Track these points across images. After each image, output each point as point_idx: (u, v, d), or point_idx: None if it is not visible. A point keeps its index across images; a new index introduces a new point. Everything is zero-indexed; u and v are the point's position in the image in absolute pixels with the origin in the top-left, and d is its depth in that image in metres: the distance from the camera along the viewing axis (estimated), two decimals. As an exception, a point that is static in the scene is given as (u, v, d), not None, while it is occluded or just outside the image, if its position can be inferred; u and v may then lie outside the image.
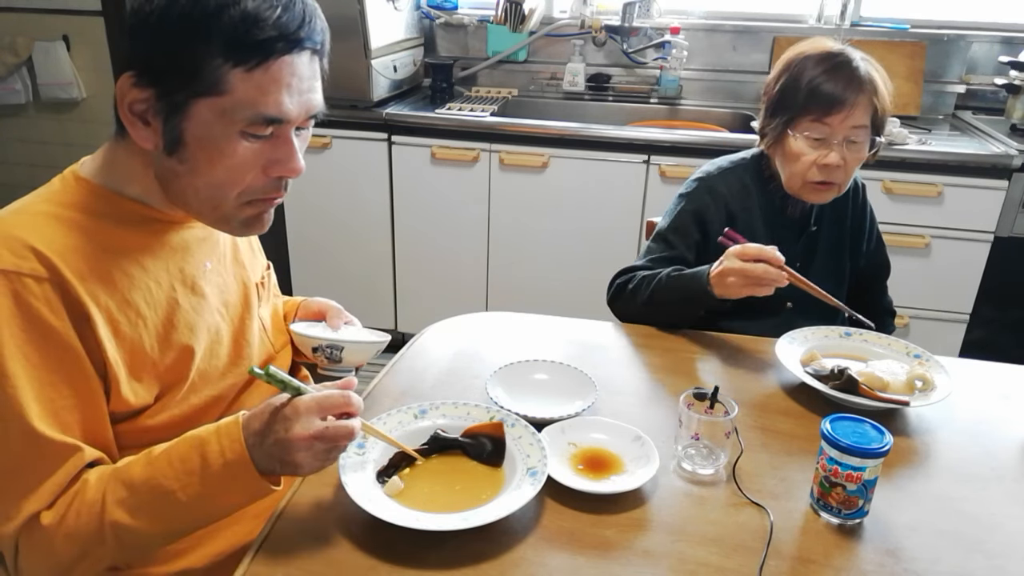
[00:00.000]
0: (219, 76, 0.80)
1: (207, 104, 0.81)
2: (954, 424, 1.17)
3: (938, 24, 2.71)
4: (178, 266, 0.95)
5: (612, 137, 2.43)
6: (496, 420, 1.04)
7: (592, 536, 0.90)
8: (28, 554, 0.84)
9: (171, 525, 0.85)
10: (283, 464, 0.83)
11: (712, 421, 1.02)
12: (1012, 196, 2.26)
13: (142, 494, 0.83)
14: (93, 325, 0.84)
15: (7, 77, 3.13)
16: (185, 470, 0.82)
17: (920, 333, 2.44)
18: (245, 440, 0.82)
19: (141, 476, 0.83)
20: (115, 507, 0.82)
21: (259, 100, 0.82)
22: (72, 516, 0.83)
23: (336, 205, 2.69)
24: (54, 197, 0.88)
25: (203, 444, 0.83)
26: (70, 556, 0.83)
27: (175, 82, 0.81)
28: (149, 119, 0.83)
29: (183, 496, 0.82)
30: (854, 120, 1.34)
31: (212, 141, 0.83)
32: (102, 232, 0.87)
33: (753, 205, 1.49)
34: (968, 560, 0.90)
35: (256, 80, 0.81)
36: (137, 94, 0.82)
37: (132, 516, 0.82)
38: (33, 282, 0.80)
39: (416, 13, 2.84)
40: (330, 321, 1.16)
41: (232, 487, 0.83)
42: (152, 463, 0.84)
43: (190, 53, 0.79)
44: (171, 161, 0.85)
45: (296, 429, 0.81)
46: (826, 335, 1.34)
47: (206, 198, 0.88)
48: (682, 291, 1.35)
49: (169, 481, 0.82)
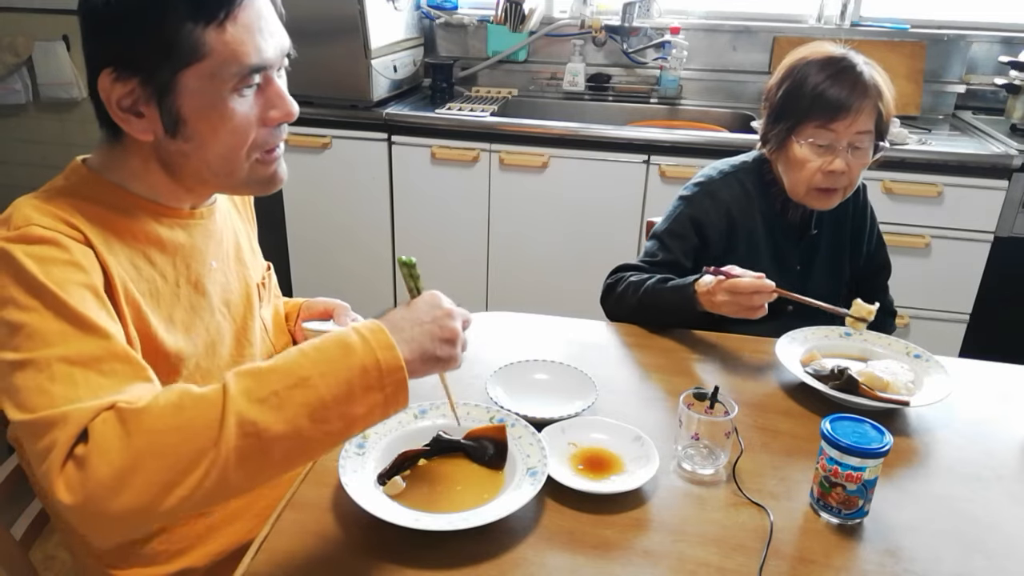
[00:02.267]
0: (194, 40, 0.80)
1: (193, 73, 0.82)
2: (954, 424, 1.17)
3: (938, 24, 2.71)
4: (185, 263, 0.95)
5: (612, 137, 2.43)
6: (499, 423, 1.03)
7: (592, 536, 0.90)
8: (100, 440, 0.68)
9: (302, 424, 0.72)
10: (436, 343, 0.81)
11: (712, 421, 1.02)
12: (1012, 196, 2.26)
13: (272, 381, 0.72)
14: (118, 298, 0.84)
15: (7, 77, 3.13)
16: (324, 358, 0.74)
17: (920, 333, 2.44)
18: (388, 329, 0.78)
19: (271, 366, 0.74)
20: (241, 396, 0.71)
21: (240, 52, 0.82)
22: (182, 398, 0.71)
23: (336, 205, 2.69)
24: (70, 188, 0.88)
25: (343, 335, 0.76)
26: (164, 444, 0.69)
27: (155, 61, 0.81)
28: (141, 109, 0.83)
29: (323, 386, 0.73)
30: (859, 126, 1.34)
31: (210, 108, 0.84)
32: (116, 222, 0.87)
33: (754, 210, 1.49)
34: (968, 560, 0.90)
35: (230, 34, 0.82)
36: (121, 89, 0.82)
37: (260, 406, 0.71)
38: (71, 241, 0.80)
39: (416, 13, 2.84)
40: (338, 319, 1.17)
41: (378, 377, 0.75)
42: (280, 357, 0.75)
43: (159, 26, 0.79)
44: (176, 143, 0.86)
45: (448, 303, 0.85)
46: (826, 335, 1.34)
47: (219, 168, 0.88)
48: (667, 304, 1.35)
49: (306, 369, 0.73)
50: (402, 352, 0.77)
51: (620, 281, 1.44)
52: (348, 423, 0.75)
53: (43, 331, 0.74)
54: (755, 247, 1.48)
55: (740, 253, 1.48)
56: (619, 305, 1.42)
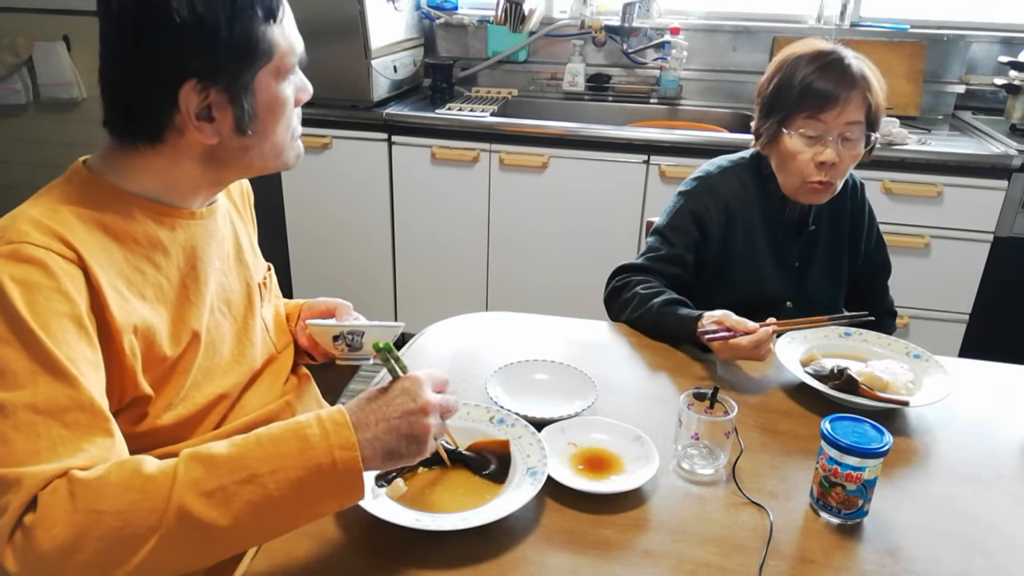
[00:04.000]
0: (268, 40, 0.86)
1: (266, 71, 0.87)
2: (954, 424, 1.17)
3: (938, 24, 2.71)
4: (189, 263, 0.95)
5: (612, 137, 2.43)
6: (503, 438, 1.01)
7: (592, 536, 0.90)
8: (47, 512, 0.69)
9: (246, 521, 0.72)
10: (402, 441, 0.78)
11: (712, 421, 1.02)
12: (1012, 196, 2.26)
13: (223, 475, 0.71)
14: (110, 314, 0.83)
15: (7, 77, 3.13)
16: (279, 453, 0.73)
17: (920, 333, 2.44)
18: (352, 424, 0.76)
19: (224, 455, 0.73)
20: (186, 488, 0.70)
21: (294, 44, 0.90)
22: (132, 478, 0.71)
23: (336, 205, 2.69)
24: (69, 194, 0.87)
25: (303, 427, 0.75)
26: (106, 527, 0.69)
27: (242, 66, 0.84)
28: (215, 114, 0.85)
29: (272, 484, 0.72)
30: (848, 116, 1.35)
31: (274, 100, 0.89)
32: (116, 229, 0.87)
33: (752, 205, 1.49)
34: (968, 560, 0.90)
35: (285, 28, 0.88)
36: (200, 99, 0.84)
37: (206, 501, 0.70)
38: (61, 259, 0.80)
39: (416, 13, 2.84)
40: (340, 318, 1.17)
41: (332, 479, 0.74)
42: (236, 443, 0.75)
43: (245, 33, 0.83)
44: (239, 139, 0.88)
45: (425, 395, 0.81)
46: (826, 335, 1.34)
47: (270, 153, 0.92)
48: (668, 330, 1.35)
49: (258, 464, 0.72)
50: (363, 452, 0.75)
51: (627, 287, 1.44)
52: (295, 521, 0.75)
53: (15, 369, 0.74)
54: (753, 242, 1.49)
55: (738, 248, 1.49)
56: (622, 312, 1.43)
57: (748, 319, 1.24)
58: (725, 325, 1.24)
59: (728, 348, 1.24)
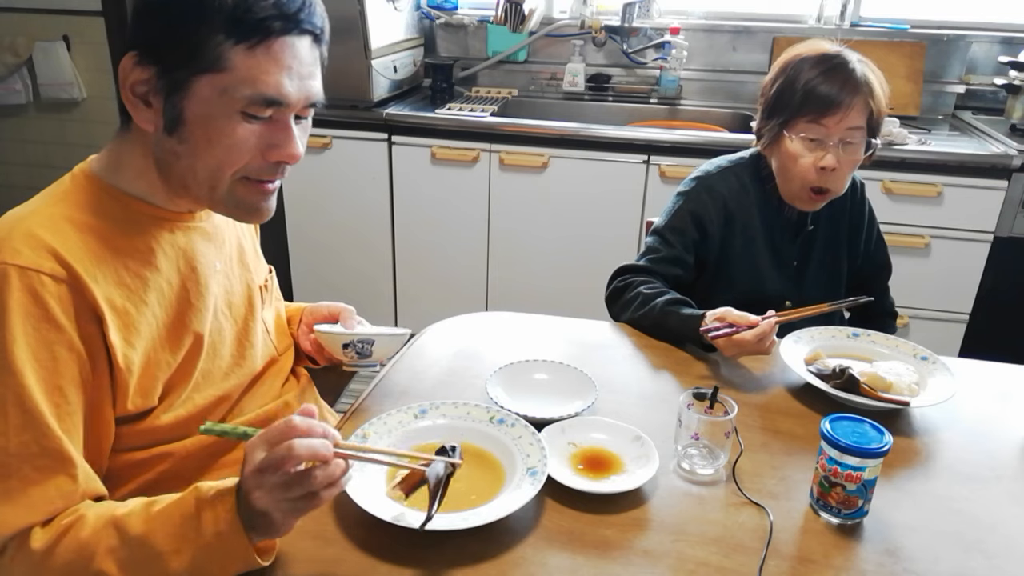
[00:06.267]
0: (220, 52, 0.81)
1: (208, 81, 0.82)
2: (954, 424, 1.17)
3: (938, 24, 2.71)
4: (190, 266, 0.95)
5: (612, 137, 2.43)
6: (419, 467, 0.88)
7: (592, 536, 0.90)
8: (10, 571, 0.79)
9: None
10: (256, 520, 0.75)
11: (712, 421, 1.02)
12: (1012, 196, 2.26)
13: (134, 549, 0.77)
14: (106, 329, 0.84)
15: (7, 77, 3.13)
16: (180, 533, 0.76)
17: (920, 333, 2.44)
18: (236, 508, 0.76)
19: (137, 530, 0.77)
20: (106, 556, 0.77)
21: (259, 79, 0.82)
22: (62, 551, 0.77)
23: (336, 205, 2.69)
24: (67, 198, 0.88)
25: (200, 509, 0.77)
26: None
27: (177, 59, 0.82)
28: (151, 99, 0.84)
29: (175, 564, 0.76)
30: (850, 122, 1.35)
31: (212, 120, 0.84)
32: (115, 235, 0.87)
33: (751, 204, 1.49)
34: (968, 560, 0.90)
35: (257, 59, 0.82)
36: (139, 74, 0.83)
37: (120, 570, 0.77)
38: (51, 281, 0.80)
39: (416, 13, 2.84)
40: (345, 323, 1.17)
41: (225, 558, 0.76)
42: (151, 519, 0.78)
43: (193, 29, 0.81)
44: (171, 142, 0.86)
45: (244, 470, 0.75)
46: (833, 335, 1.33)
47: (204, 179, 0.87)
48: (671, 330, 1.35)
49: (163, 542, 0.76)
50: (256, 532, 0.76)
51: (630, 287, 1.44)
52: None
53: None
54: (752, 241, 1.49)
55: (737, 248, 1.49)
56: (625, 311, 1.43)
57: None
58: (727, 321, 1.24)
59: (733, 344, 1.24)
